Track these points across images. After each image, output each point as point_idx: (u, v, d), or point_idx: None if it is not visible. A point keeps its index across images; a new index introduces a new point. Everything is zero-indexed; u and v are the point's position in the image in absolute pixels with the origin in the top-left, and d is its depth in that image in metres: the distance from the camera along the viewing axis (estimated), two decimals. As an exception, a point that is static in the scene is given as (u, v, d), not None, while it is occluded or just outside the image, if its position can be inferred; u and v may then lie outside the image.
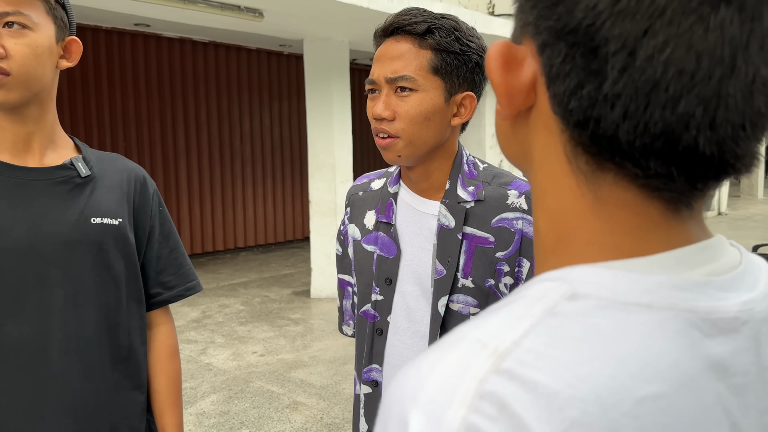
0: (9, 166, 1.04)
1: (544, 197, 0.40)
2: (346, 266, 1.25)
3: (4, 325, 1.01)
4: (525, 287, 0.36)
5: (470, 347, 0.31)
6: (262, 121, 9.17)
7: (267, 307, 5.96)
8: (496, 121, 0.45)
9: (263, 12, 4.96)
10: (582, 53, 0.33)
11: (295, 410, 3.59)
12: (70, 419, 1.05)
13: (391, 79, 1.00)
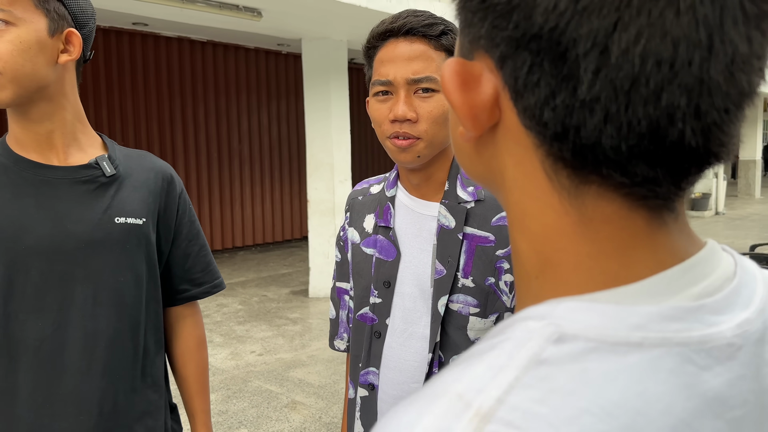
0: (35, 164, 1.05)
1: (523, 218, 0.37)
2: (344, 274, 1.24)
3: (26, 321, 1.02)
4: (507, 326, 0.33)
5: (451, 406, 0.29)
6: (260, 121, 9.17)
7: (265, 306, 5.96)
8: (456, 143, 0.42)
9: (261, 11, 4.96)
10: (550, 59, 0.31)
11: (294, 410, 3.59)
12: (86, 417, 1.06)
13: (413, 80, 0.99)
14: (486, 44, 0.34)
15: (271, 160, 9.36)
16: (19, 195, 1.03)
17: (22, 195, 1.03)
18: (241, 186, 8.94)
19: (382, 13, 5.15)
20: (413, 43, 1.00)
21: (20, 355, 1.02)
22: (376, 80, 1.02)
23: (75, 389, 1.05)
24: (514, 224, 0.38)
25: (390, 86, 1.01)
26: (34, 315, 1.02)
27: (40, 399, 1.03)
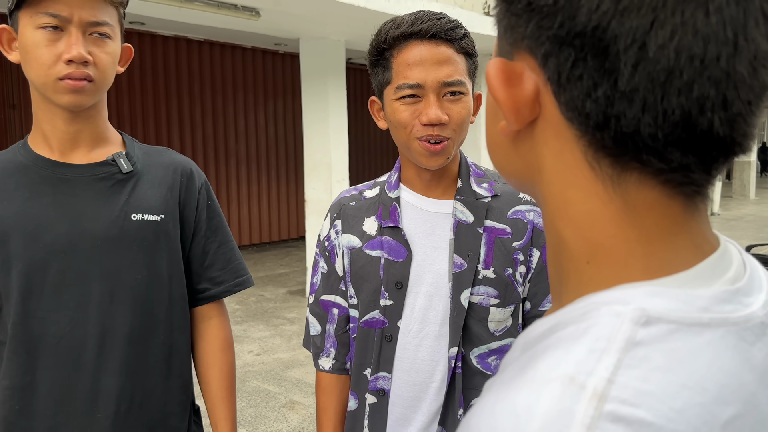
0: (53, 162, 1.06)
1: (566, 206, 0.39)
2: (332, 285, 1.18)
3: (44, 319, 1.03)
4: (586, 310, 0.35)
5: (566, 388, 0.31)
6: (257, 120, 9.16)
7: (262, 306, 5.95)
8: (493, 140, 0.44)
9: (260, 11, 4.96)
10: (592, 55, 0.34)
11: (292, 409, 3.59)
12: (103, 414, 1.06)
13: (447, 83, 1.00)
14: (529, 44, 0.37)
15: (268, 160, 9.35)
16: (37, 194, 1.04)
17: (40, 194, 1.04)
18: (238, 185, 8.93)
19: (380, 13, 5.15)
20: (439, 46, 1.00)
21: (39, 352, 1.03)
22: (404, 84, 1.01)
23: (93, 387, 1.05)
24: (556, 214, 0.40)
25: (419, 89, 1.01)
26: (52, 313, 1.03)
27: (59, 396, 1.04)
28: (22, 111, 6.84)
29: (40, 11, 0.98)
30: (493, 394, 0.34)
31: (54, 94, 1.01)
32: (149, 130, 7.80)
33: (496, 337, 1.07)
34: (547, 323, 0.37)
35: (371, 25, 6.10)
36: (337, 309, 1.18)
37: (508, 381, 0.35)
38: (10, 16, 1.02)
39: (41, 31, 0.99)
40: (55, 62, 0.99)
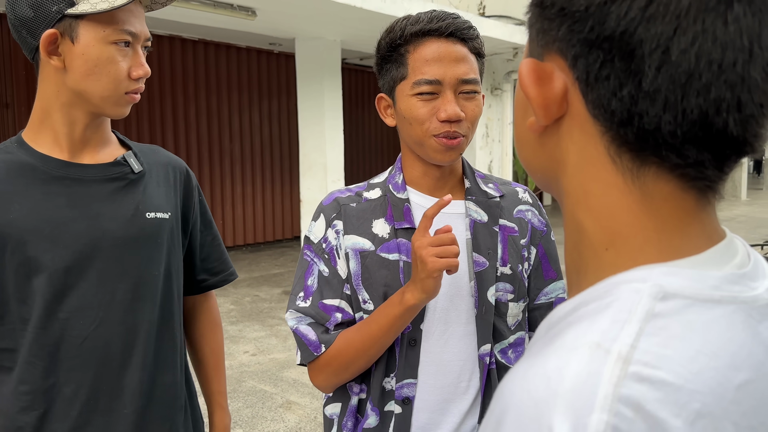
0: (64, 162, 1.06)
1: (587, 198, 0.42)
2: (335, 288, 1.09)
3: (68, 320, 1.03)
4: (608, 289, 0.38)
5: (593, 353, 0.34)
6: (252, 120, 9.14)
7: (257, 306, 5.94)
8: (521, 136, 0.47)
9: (256, 11, 4.95)
10: (620, 57, 0.37)
11: (289, 410, 3.59)
12: (129, 410, 1.08)
13: (465, 80, 1.02)
14: (560, 46, 0.41)
15: (263, 160, 9.33)
16: (49, 194, 1.03)
17: (53, 194, 1.04)
18: (232, 185, 8.91)
19: (376, 14, 5.16)
20: (455, 44, 1.03)
21: (62, 354, 1.03)
22: (422, 79, 1.01)
23: (118, 384, 1.07)
24: (577, 205, 0.43)
25: (437, 86, 1.02)
26: (76, 313, 1.03)
27: (84, 396, 1.05)
28: (15, 110, 6.80)
29: (118, 27, 1.01)
30: (523, 364, 0.37)
31: (114, 107, 1.05)
32: (143, 130, 7.76)
33: (512, 331, 1.10)
34: (570, 305, 0.40)
35: (367, 25, 6.12)
36: (340, 314, 1.09)
37: (536, 353, 0.38)
38: (58, 18, 0.98)
39: (115, 47, 1.01)
40: (125, 77, 1.04)
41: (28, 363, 1.02)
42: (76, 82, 1.02)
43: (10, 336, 1.02)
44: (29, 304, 1.01)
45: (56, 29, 0.99)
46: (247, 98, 9.01)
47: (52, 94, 1.04)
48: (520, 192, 1.18)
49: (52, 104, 1.04)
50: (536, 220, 1.16)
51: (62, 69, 1.01)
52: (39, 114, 1.06)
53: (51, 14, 0.98)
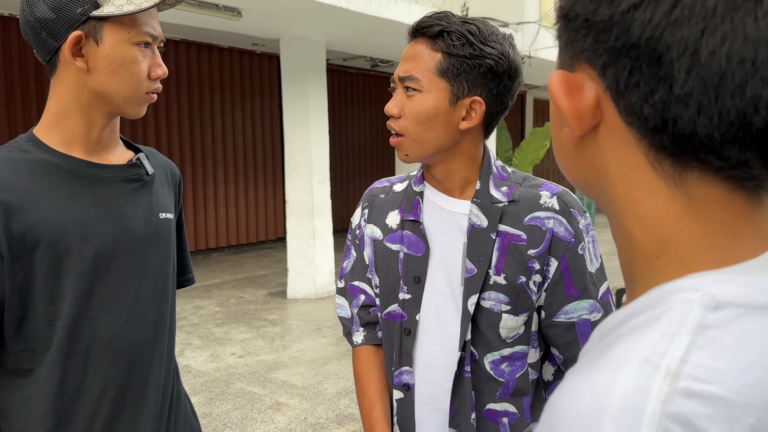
0: (87, 163, 1.06)
1: (633, 205, 0.41)
2: (360, 271, 1.22)
3: (96, 318, 1.04)
4: (658, 299, 0.37)
5: (642, 368, 0.33)
6: (234, 121, 9.08)
7: (243, 308, 5.91)
8: (559, 147, 0.47)
9: (241, 11, 4.93)
10: (647, 63, 0.37)
11: (278, 411, 3.58)
12: (153, 404, 1.12)
13: (401, 78, 1.05)
14: (588, 56, 0.40)
15: (245, 161, 9.28)
16: (75, 194, 1.04)
17: (79, 194, 1.04)
18: (215, 187, 8.85)
19: (361, 15, 5.17)
20: (417, 44, 1.05)
21: (90, 352, 1.04)
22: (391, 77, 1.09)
23: (143, 379, 1.10)
24: (624, 213, 0.42)
25: (394, 83, 1.08)
26: (104, 311, 1.05)
27: (113, 393, 1.06)
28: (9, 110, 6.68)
29: (141, 29, 1.02)
30: (573, 378, 0.37)
31: (134, 106, 1.07)
32: (125, 131, 7.67)
33: (507, 344, 1.06)
34: (623, 314, 0.39)
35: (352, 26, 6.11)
36: (364, 295, 1.22)
37: (586, 366, 0.37)
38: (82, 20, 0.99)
39: (138, 48, 1.03)
40: (146, 77, 1.06)
41: (56, 363, 1.01)
42: (100, 83, 1.02)
43: (32, 337, 1.01)
44: (57, 305, 1.01)
45: (81, 31, 0.99)
46: (229, 99, 8.96)
47: (72, 96, 1.04)
48: (545, 197, 1.07)
49: (72, 105, 1.04)
50: (561, 230, 1.04)
51: (86, 70, 1.01)
52: (55, 114, 1.05)
53: (75, 16, 0.98)
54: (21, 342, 1.00)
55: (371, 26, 5.65)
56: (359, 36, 6.14)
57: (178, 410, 1.22)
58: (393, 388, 1.14)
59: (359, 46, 6.84)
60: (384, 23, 5.53)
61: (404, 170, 8.30)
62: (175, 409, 1.20)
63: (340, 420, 3.45)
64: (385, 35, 6.09)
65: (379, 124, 11.70)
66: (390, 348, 1.15)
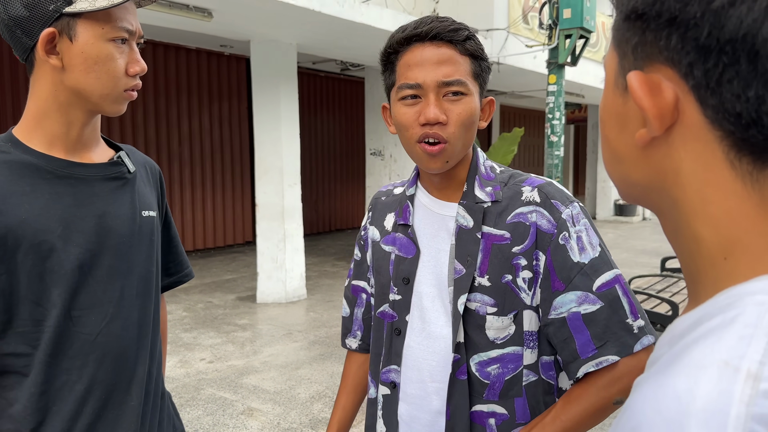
0: (68, 162, 1.05)
1: (705, 206, 0.41)
2: (363, 272, 1.26)
3: (80, 318, 1.03)
4: (731, 302, 0.38)
5: (722, 372, 0.34)
6: (202, 123, 8.96)
7: (211, 312, 5.82)
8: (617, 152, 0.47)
9: (212, 12, 4.87)
10: (745, 59, 0.37)
11: (251, 416, 3.53)
12: (136, 403, 1.11)
13: (445, 83, 0.99)
14: (669, 56, 0.40)
15: (213, 164, 9.16)
16: (57, 194, 1.02)
17: (61, 194, 1.03)
18: (182, 190, 8.71)
19: (334, 18, 5.17)
20: (440, 47, 1.01)
21: (74, 351, 1.03)
22: (404, 84, 1.02)
23: (128, 378, 1.09)
24: (693, 214, 0.42)
25: (419, 90, 1.01)
26: (88, 310, 1.04)
27: (98, 392, 1.05)
28: None
29: (116, 25, 1.00)
30: (652, 382, 0.37)
31: (112, 104, 1.05)
32: (88, 132, 7.50)
33: (497, 345, 1.05)
34: (690, 318, 0.40)
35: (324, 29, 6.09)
36: (366, 294, 1.27)
37: (663, 370, 0.37)
38: (55, 17, 0.97)
39: (113, 44, 1.00)
40: (123, 74, 1.03)
41: (41, 363, 1.00)
42: (76, 80, 1.00)
43: (20, 339, 0.99)
44: (43, 305, 1.00)
45: (54, 28, 0.97)
46: (196, 101, 8.83)
47: (50, 94, 1.02)
48: (526, 192, 1.06)
49: (50, 104, 1.03)
50: (544, 222, 1.03)
51: (60, 68, 0.99)
52: (34, 114, 1.04)
53: (48, 13, 0.96)
54: (9, 345, 0.98)
55: (343, 29, 5.65)
56: (331, 39, 6.13)
57: (162, 410, 1.21)
58: (380, 384, 1.16)
59: (330, 49, 6.83)
60: (356, 27, 5.53)
61: (375, 175, 8.31)
62: (159, 409, 1.20)
63: (314, 425, 3.42)
64: (356, 39, 6.10)
65: (349, 128, 11.69)
66: (380, 345, 1.17)
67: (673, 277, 4.85)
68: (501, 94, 12.27)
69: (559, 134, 6.52)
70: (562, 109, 6.51)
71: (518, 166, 17.25)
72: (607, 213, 14.45)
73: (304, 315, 5.77)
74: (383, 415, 1.15)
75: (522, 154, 17.70)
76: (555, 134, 6.51)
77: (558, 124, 6.51)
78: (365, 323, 1.27)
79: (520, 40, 7.89)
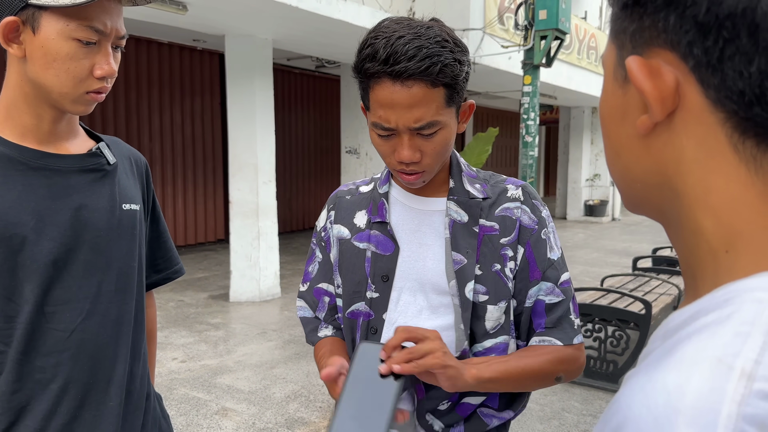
0: (42, 153, 1.01)
1: (707, 195, 0.40)
2: (326, 273, 1.21)
3: (55, 314, 1.00)
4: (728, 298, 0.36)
5: (714, 369, 0.33)
6: (173, 118, 8.81)
7: (183, 311, 5.72)
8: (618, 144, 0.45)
9: (187, 5, 4.78)
10: (746, 34, 0.36)
11: (225, 416, 3.48)
12: (115, 403, 1.08)
13: (416, 128, 0.98)
14: (668, 38, 0.39)
15: (185, 160, 9.01)
16: (30, 186, 0.99)
17: (34, 186, 0.99)
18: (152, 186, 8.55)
19: (311, 14, 5.12)
20: (411, 87, 0.95)
21: (48, 348, 1.00)
22: (378, 124, 1.00)
23: (106, 377, 1.06)
24: (695, 204, 0.41)
25: (393, 131, 1.00)
26: (62, 306, 1.01)
27: (74, 391, 1.02)
28: None
29: (84, 24, 0.94)
30: (641, 376, 0.36)
31: (73, 104, 1.00)
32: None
33: (491, 335, 1.08)
34: (687, 312, 0.38)
35: (300, 25, 6.03)
36: (329, 297, 1.21)
37: (655, 364, 0.36)
38: (20, 6, 0.93)
39: (77, 43, 0.95)
40: (88, 76, 0.98)
41: (13, 361, 0.97)
42: (36, 73, 0.96)
43: None
44: (15, 301, 0.97)
45: (18, 17, 0.93)
46: (168, 96, 8.68)
47: (17, 85, 0.99)
48: (511, 189, 1.13)
49: (17, 95, 0.99)
50: (526, 218, 1.10)
51: (23, 58, 0.96)
52: (5, 103, 1.00)
53: (14, 2, 0.93)
54: None
55: (320, 26, 5.60)
56: (307, 35, 6.07)
57: (147, 411, 1.17)
58: None
59: (307, 45, 6.77)
60: (333, 23, 5.49)
61: (350, 173, 8.27)
62: (144, 410, 1.16)
63: (290, 424, 3.38)
64: (333, 35, 6.05)
65: (324, 126, 11.63)
66: (352, 347, 1.15)
67: (645, 276, 4.93)
68: (475, 95, 12.34)
69: (534, 135, 6.57)
70: (536, 110, 6.57)
71: (492, 167, 17.38)
72: (578, 213, 14.65)
73: (278, 314, 5.71)
74: None
75: (495, 155, 17.84)
76: (530, 135, 6.57)
77: (533, 124, 6.57)
78: (331, 324, 1.21)
79: (496, 40, 7.94)
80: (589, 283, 6.92)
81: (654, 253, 6.32)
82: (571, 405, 3.70)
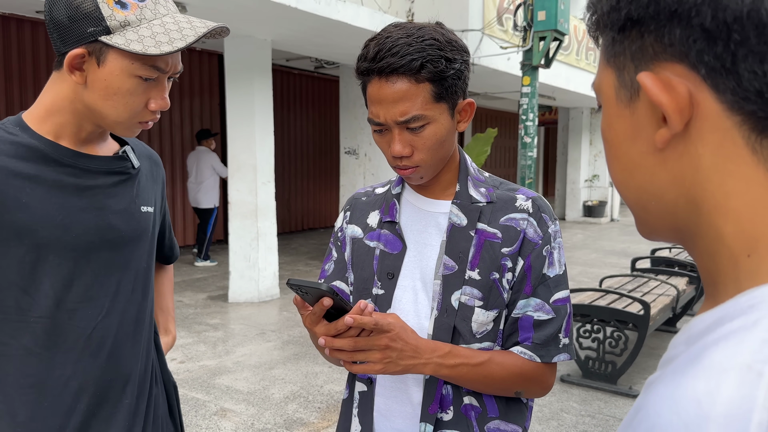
0: (74, 152, 1.04)
1: (727, 200, 0.40)
2: (340, 272, 1.24)
3: (76, 311, 1.02)
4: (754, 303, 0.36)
5: (744, 376, 0.33)
6: (172, 119, 8.81)
7: (182, 312, 5.72)
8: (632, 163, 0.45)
9: (186, 6, 4.78)
10: (755, 34, 0.37)
11: (224, 417, 3.48)
12: (130, 399, 1.10)
13: (401, 121, 1.02)
14: (674, 51, 0.40)
15: (183, 160, 9.00)
16: (60, 182, 1.02)
17: (63, 183, 1.02)
18: (151, 187, 8.54)
19: (310, 15, 5.12)
20: (396, 83, 1.00)
21: (69, 345, 1.02)
22: (371, 119, 1.06)
23: (123, 373, 1.09)
24: (714, 211, 0.41)
25: (384, 126, 1.04)
26: (83, 304, 1.03)
27: (92, 388, 1.04)
28: None
29: (147, 63, 0.98)
30: (669, 383, 0.36)
31: (123, 130, 1.04)
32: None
33: (477, 338, 1.09)
34: (710, 318, 0.38)
35: (299, 26, 6.03)
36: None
37: (682, 371, 0.36)
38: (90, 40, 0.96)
39: (138, 80, 0.98)
40: (143, 108, 1.02)
41: (35, 355, 0.99)
42: (94, 101, 1.00)
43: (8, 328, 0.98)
44: (31, 295, 0.98)
45: (85, 48, 0.96)
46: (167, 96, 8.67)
47: (67, 99, 1.02)
48: (520, 200, 1.12)
49: (65, 106, 1.03)
50: (531, 231, 1.10)
51: (82, 84, 0.99)
52: (48, 107, 1.03)
53: (85, 34, 0.96)
54: None
55: (319, 26, 5.60)
56: (306, 36, 6.07)
57: (156, 408, 1.20)
58: (357, 381, 1.17)
59: (305, 46, 6.76)
60: (332, 24, 5.49)
61: (349, 174, 8.27)
62: (153, 407, 1.19)
63: (289, 425, 3.38)
64: (332, 36, 6.05)
65: (323, 127, 11.63)
66: None
67: (644, 277, 4.93)
68: (474, 96, 12.35)
69: (533, 135, 6.58)
70: (535, 111, 6.57)
71: (491, 168, 17.40)
72: (576, 214, 14.66)
73: (277, 314, 5.71)
74: (359, 413, 1.16)
75: (494, 156, 17.85)
76: (529, 135, 6.57)
77: (531, 125, 6.57)
78: None
79: (495, 41, 7.94)
80: (587, 284, 6.92)
81: (653, 254, 6.32)
82: (570, 406, 3.70)
